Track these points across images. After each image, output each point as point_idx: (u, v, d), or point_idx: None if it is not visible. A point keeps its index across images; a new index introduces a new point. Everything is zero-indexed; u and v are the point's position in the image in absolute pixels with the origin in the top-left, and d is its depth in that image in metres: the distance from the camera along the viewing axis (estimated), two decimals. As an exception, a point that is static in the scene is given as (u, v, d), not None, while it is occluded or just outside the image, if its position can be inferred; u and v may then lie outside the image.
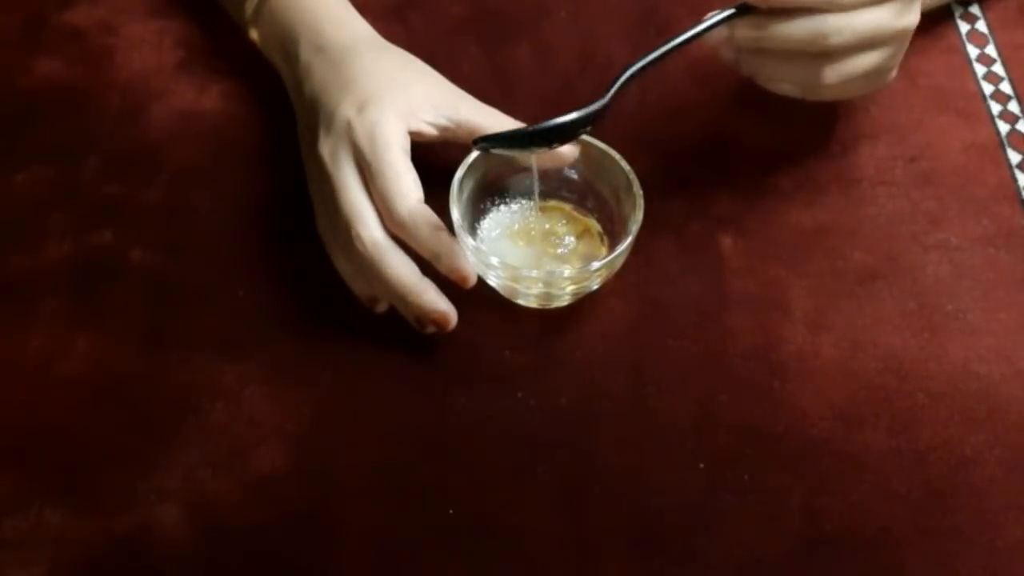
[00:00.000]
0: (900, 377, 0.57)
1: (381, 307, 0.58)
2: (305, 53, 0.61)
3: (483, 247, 0.56)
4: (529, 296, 0.58)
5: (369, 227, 0.54)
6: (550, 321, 0.59)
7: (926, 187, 0.65)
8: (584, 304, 0.59)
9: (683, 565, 0.51)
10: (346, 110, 0.56)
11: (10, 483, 0.53)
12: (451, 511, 0.53)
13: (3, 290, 0.60)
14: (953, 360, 0.58)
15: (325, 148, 0.56)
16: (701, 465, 0.54)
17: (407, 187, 0.54)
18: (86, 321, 0.59)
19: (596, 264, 0.54)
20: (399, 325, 0.58)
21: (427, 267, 0.55)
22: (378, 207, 0.55)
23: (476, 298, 0.56)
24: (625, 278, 0.59)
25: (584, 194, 0.59)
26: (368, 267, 0.55)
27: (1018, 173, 0.65)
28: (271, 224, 0.63)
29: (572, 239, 0.59)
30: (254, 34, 0.65)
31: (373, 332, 0.58)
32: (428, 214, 0.54)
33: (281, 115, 0.65)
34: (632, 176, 0.56)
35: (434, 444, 0.55)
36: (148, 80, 0.69)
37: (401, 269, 0.54)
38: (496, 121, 0.58)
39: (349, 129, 0.56)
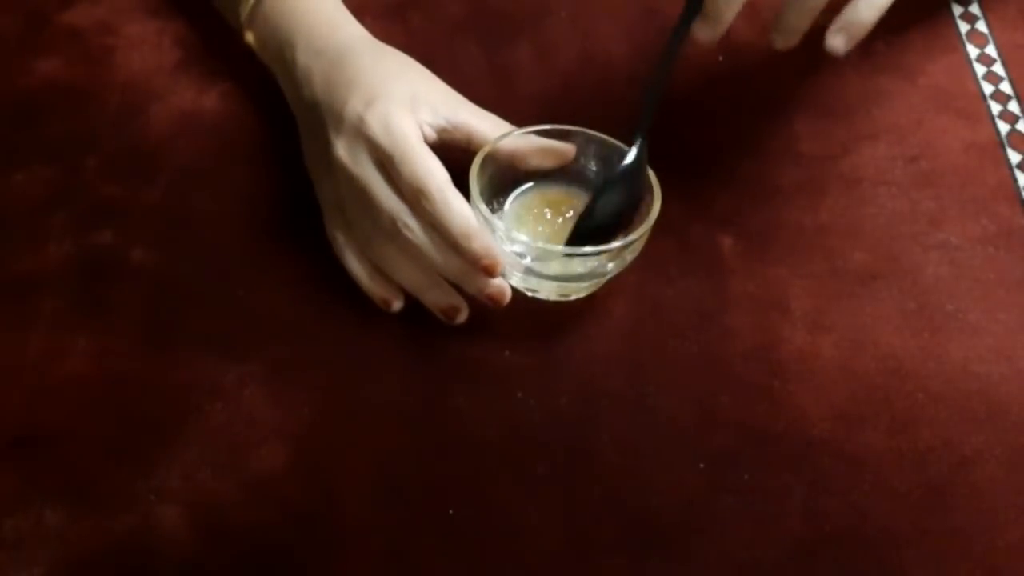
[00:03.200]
0: (900, 377, 0.57)
1: (396, 306, 0.58)
2: (302, 57, 0.61)
3: (510, 226, 0.56)
4: (551, 284, 0.57)
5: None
6: (550, 321, 0.59)
7: (926, 187, 0.65)
8: (584, 304, 0.59)
9: (683, 565, 0.51)
10: (354, 107, 0.56)
11: (10, 483, 0.53)
12: (451, 511, 0.53)
13: (3, 290, 0.60)
14: (953, 360, 0.58)
15: (341, 150, 0.56)
16: (701, 465, 0.54)
17: (434, 167, 0.54)
18: (86, 321, 0.59)
19: (617, 243, 0.54)
20: (399, 325, 0.58)
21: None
22: (406, 194, 0.55)
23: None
24: (625, 278, 0.59)
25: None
26: (432, 242, 0.54)
27: (1018, 173, 0.65)
28: (271, 224, 0.63)
29: None
30: (250, 38, 0.65)
31: (373, 332, 0.58)
32: (458, 193, 0.54)
33: (281, 115, 0.65)
34: (650, 171, 0.56)
35: (434, 444, 0.55)
36: (148, 80, 0.69)
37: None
38: (493, 126, 0.58)
39: (362, 125, 0.56)
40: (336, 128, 0.57)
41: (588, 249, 0.55)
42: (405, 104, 0.56)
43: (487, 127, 0.58)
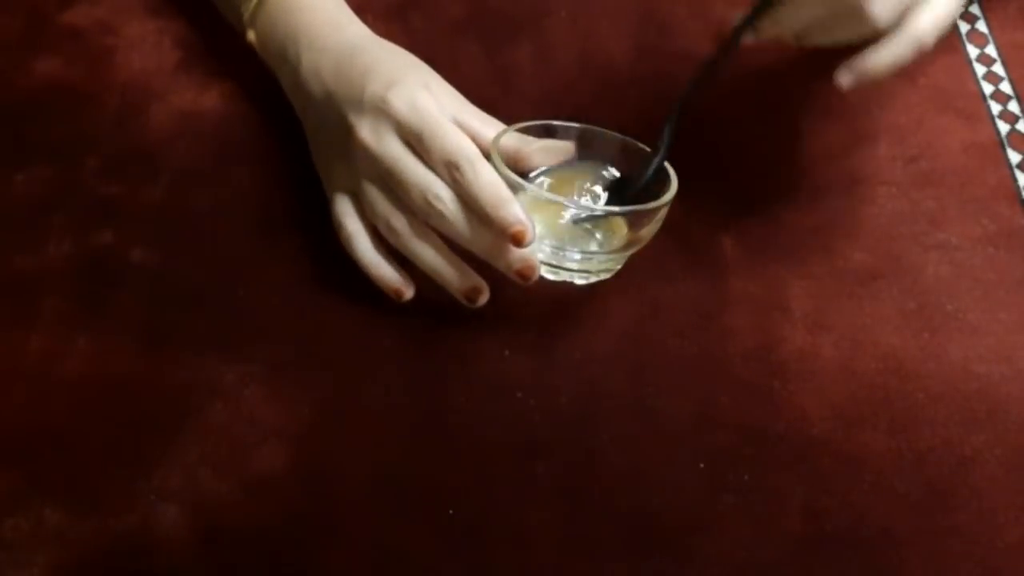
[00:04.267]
0: (900, 377, 0.57)
1: (407, 295, 0.58)
2: (307, 54, 0.61)
3: (541, 189, 0.56)
4: (575, 257, 0.57)
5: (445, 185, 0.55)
6: (550, 321, 0.59)
7: (926, 187, 0.65)
8: (584, 304, 0.59)
9: (683, 565, 0.51)
10: (375, 91, 0.56)
11: (10, 483, 0.53)
12: (451, 511, 0.53)
13: (3, 290, 0.60)
14: (953, 360, 0.58)
15: (365, 130, 0.56)
16: (701, 465, 0.54)
17: (464, 139, 0.54)
18: (86, 321, 0.59)
19: (657, 202, 0.54)
20: (399, 325, 0.58)
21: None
22: (438, 167, 0.54)
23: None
24: (625, 278, 0.59)
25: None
26: (464, 212, 0.54)
27: (1018, 173, 0.65)
28: (271, 224, 0.63)
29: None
30: (251, 37, 0.65)
31: (373, 332, 0.58)
32: (487, 164, 0.54)
33: (281, 115, 0.65)
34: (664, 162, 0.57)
35: (434, 444, 0.55)
36: (148, 80, 0.69)
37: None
38: (492, 130, 0.58)
39: (385, 104, 0.55)
40: (357, 112, 0.57)
41: (617, 208, 0.55)
42: (423, 89, 0.57)
43: (488, 132, 0.58)
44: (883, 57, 0.55)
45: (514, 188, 0.54)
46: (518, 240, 0.53)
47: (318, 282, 0.60)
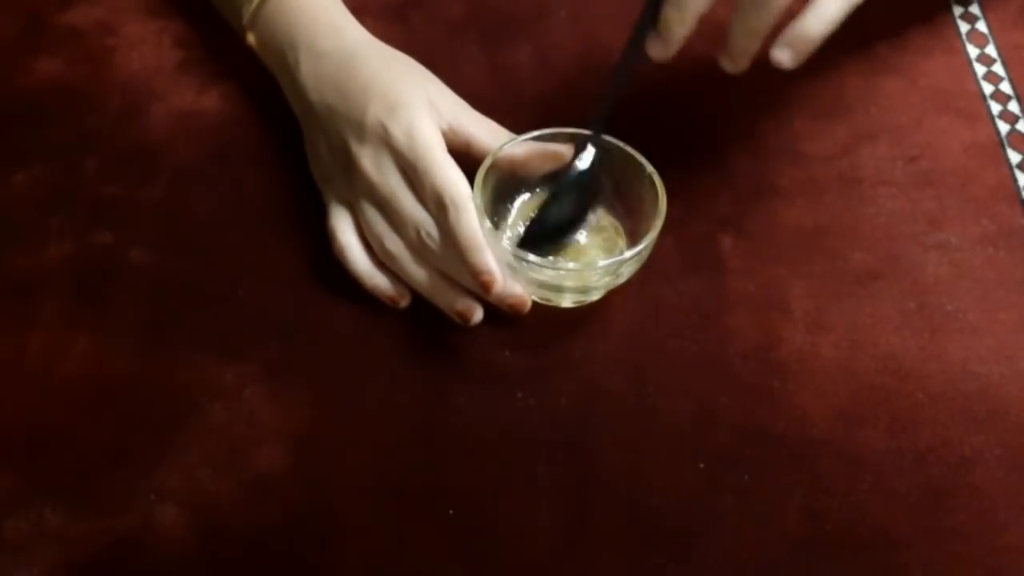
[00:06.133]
0: (900, 377, 0.57)
1: (404, 303, 0.58)
2: (305, 60, 0.61)
3: (518, 248, 0.56)
4: (564, 293, 0.57)
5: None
6: (550, 321, 0.59)
7: (926, 187, 0.65)
8: (584, 304, 0.59)
9: (683, 565, 0.51)
10: (375, 115, 0.57)
11: (10, 483, 0.53)
12: (451, 511, 0.53)
13: (3, 290, 0.60)
14: (953, 360, 0.58)
15: (366, 159, 0.57)
16: (701, 465, 0.54)
17: (455, 179, 0.55)
18: (86, 321, 0.59)
19: (628, 253, 0.54)
20: (399, 325, 0.58)
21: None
22: (429, 204, 0.55)
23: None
24: (625, 278, 0.59)
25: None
26: (450, 250, 0.55)
27: (1018, 173, 0.65)
28: (271, 224, 0.63)
29: (589, 234, 0.59)
30: (251, 39, 0.65)
31: (373, 332, 0.58)
32: (472, 208, 0.54)
33: (281, 115, 0.65)
34: (650, 168, 0.56)
35: (434, 444, 0.55)
36: (148, 80, 0.69)
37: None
38: (491, 133, 0.58)
39: (386, 134, 0.56)
40: (359, 137, 0.57)
41: (602, 263, 0.55)
42: (424, 109, 0.57)
43: (485, 134, 0.58)
44: (816, 17, 0.53)
45: (492, 240, 0.54)
46: (486, 288, 0.55)
47: (318, 282, 0.60)
